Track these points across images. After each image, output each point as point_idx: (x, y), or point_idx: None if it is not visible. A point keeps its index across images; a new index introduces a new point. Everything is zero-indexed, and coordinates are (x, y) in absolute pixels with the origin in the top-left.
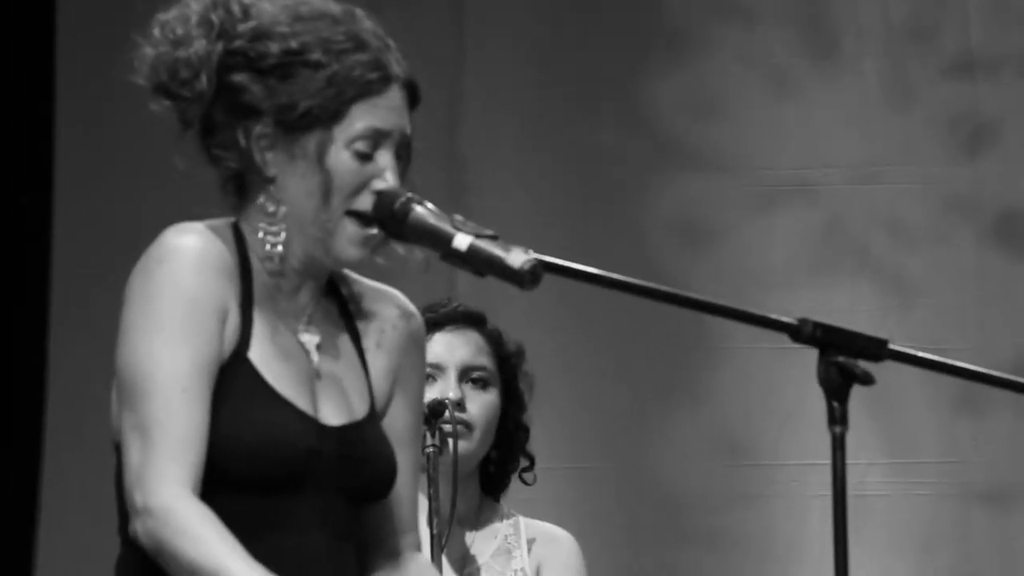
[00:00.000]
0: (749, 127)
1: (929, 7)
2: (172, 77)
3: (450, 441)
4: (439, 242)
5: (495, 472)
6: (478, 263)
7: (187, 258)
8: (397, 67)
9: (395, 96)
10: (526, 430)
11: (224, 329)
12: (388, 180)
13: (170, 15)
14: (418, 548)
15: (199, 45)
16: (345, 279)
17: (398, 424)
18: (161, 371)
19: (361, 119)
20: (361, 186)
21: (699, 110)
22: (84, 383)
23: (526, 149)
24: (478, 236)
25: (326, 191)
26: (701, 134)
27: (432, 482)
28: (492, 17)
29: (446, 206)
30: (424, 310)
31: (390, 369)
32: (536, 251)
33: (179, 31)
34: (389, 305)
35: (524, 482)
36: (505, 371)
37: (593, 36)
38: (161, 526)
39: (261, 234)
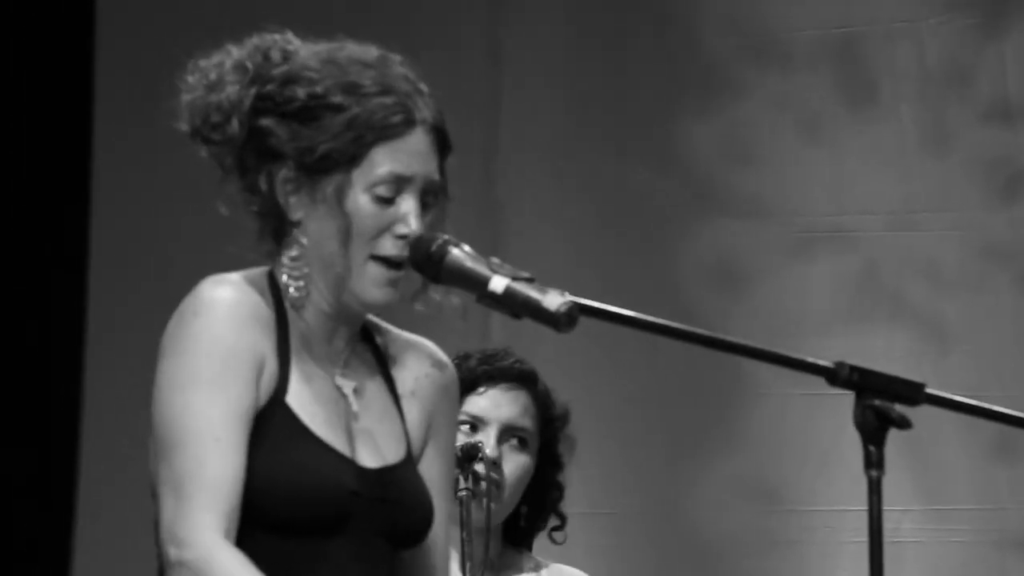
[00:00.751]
0: (785, 172)
1: (966, 52)
2: (204, 121)
3: (483, 489)
4: (475, 284)
5: (524, 527)
6: (514, 305)
7: (222, 310)
8: (424, 111)
9: (419, 140)
10: (560, 489)
11: (261, 378)
12: (411, 225)
13: (208, 61)
14: None
15: (232, 90)
16: (379, 328)
17: (431, 472)
18: (194, 422)
19: (381, 163)
20: (382, 230)
21: (735, 154)
22: (119, 427)
23: (562, 194)
24: (515, 279)
25: (345, 234)
26: (737, 178)
27: (465, 526)
28: (528, 62)
29: (482, 251)
30: (478, 360)
31: (424, 418)
32: (571, 295)
33: (213, 76)
34: (422, 355)
35: (553, 541)
36: (546, 433)
37: (628, 80)
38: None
39: (285, 278)
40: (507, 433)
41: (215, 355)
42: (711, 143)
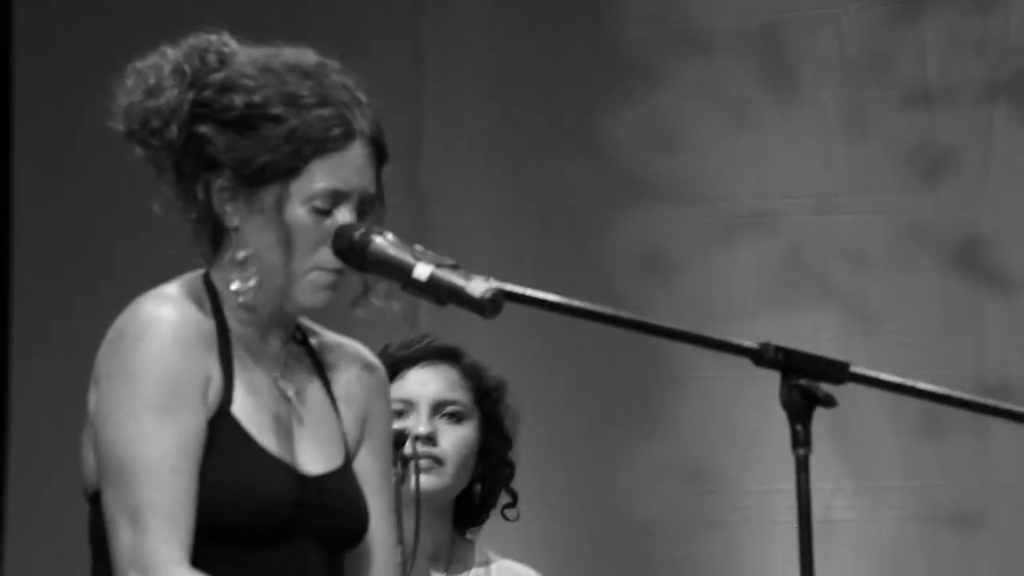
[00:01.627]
0: (709, 159)
1: (886, 38)
2: (143, 126)
3: (413, 474)
4: (399, 272)
5: (478, 506)
6: (439, 292)
7: (166, 333)
8: (362, 122)
9: (357, 153)
10: (511, 466)
11: (207, 396)
12: None
13: (145, 63)
14: None
15: (170, 95)
16: (311, 330)
17: (365, 471)
18: (149, 451)
19: (320, 178)
20: (319, 243)
21: (659, 142)
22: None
23: (487, 183)
24: (438, 265)
25: (285, 245)
26: (661, 166)
27: (395, 514)
28: (451, 54)
29: (410, 240)
30: (398, 347)
31: (358, 420)
32: (499, 281)
33: (152, 80)
34: (352, 357)
35: (505, 518)
36: (484, 405)
37: (552, 69)
38: None
39: (235, 284)
40: (438, 409)
41: (164, 381)
42: (635, 131)
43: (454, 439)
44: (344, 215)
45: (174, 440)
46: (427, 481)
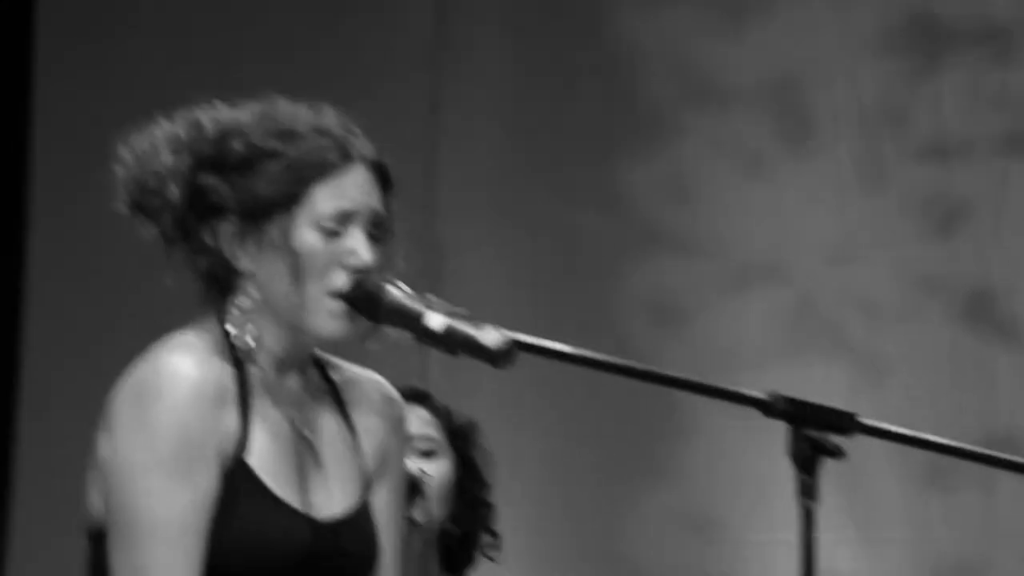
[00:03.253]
0: (723, 210)
1: (901, 90)
2: (142, 190)
3: (419, 515)
4: (413, 322)
5: (457, 547)
6: (452, 343)
7: (184, 390)
8: (360, 149)
9: (358, 175)
10: (488, 506)
11: (222, 452)
12: (361, 257)
13: (139, 136)
14: None
15: (166, 157)
16: (331, 364)
17: (381, 506)
18: (159, 512)
19: (323, 200)
20: (331, 265)
21: (673, 192)
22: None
23: (501, 232)
24: (452, 316)
25: (296, 271)
26: (675, 216)
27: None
28: (467, 102)
29: (422, 289)
30: None
31: (379, 453)
32: (511, 332)
33: (146, 147)
34: (372, 390)
35: (488, 558)
36: (456, 443)
37: (568, 119)
38: None
39: (233, 331)
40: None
41: (179, 441)
42: (650, 182)
43: (432, 471)
44: (354, 236)
45: (185, 501)
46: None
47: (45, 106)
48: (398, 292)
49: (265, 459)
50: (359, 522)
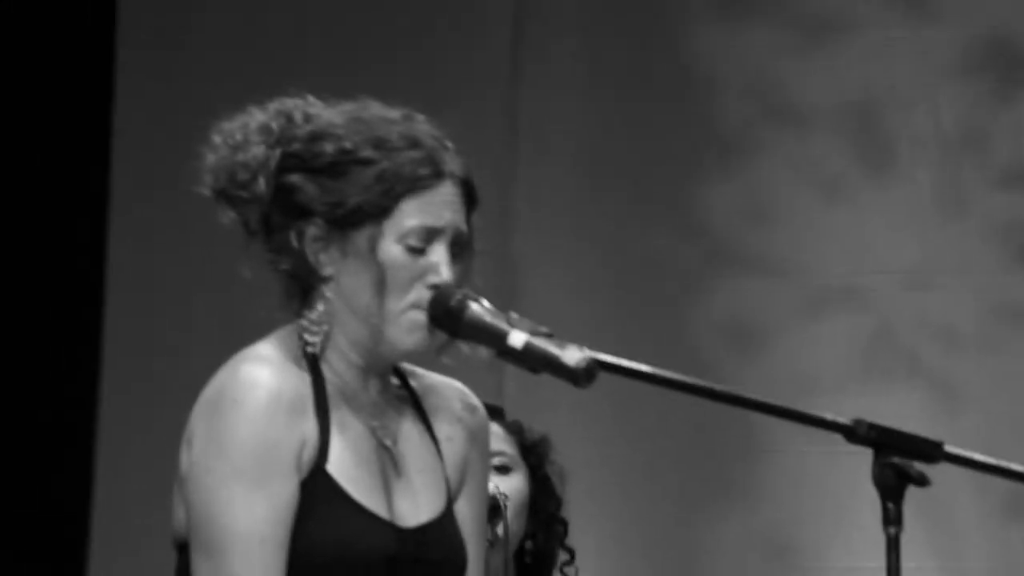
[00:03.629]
0: (802, 232)
1: (982, 116)
2: (231, 181)
3: (500, 533)
4: (494, 339)
5: (533, 564)
6: (533, 360)
7: (263, 400)
8: (452, 164)
9: (448, 192)
10: (563, 522)
11: (301, 461)
12: (442, 275)
13: (232, 123)
14: None
15: (257, 150)
16: (411, 372)
17: (465, 516)
18: (239, 523)
19: (412, 215)
20: (414, 280)
21: (751, 215)
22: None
23: (579, 251)
24: (533, 334)
25: (379, 285)
26: (753, 238)
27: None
28: (545, 121)
29: (499, 307)
30: None
31: (460, 462)
32: (592, 351)
33: (238, 136)
34: (455, 398)
35: (564, 575)
36: (529, 459)
37: (645, 139)
38: None
39: (306, 335)
40: None
41: (258, 451)
42: (728, 203)
43: (505, 489)
44: (438, 253)
45: (264, 511)
46: (491, 533)
47: (127, 92)
48: (480, 308)
49: (345, 467)
50: (444, 529)
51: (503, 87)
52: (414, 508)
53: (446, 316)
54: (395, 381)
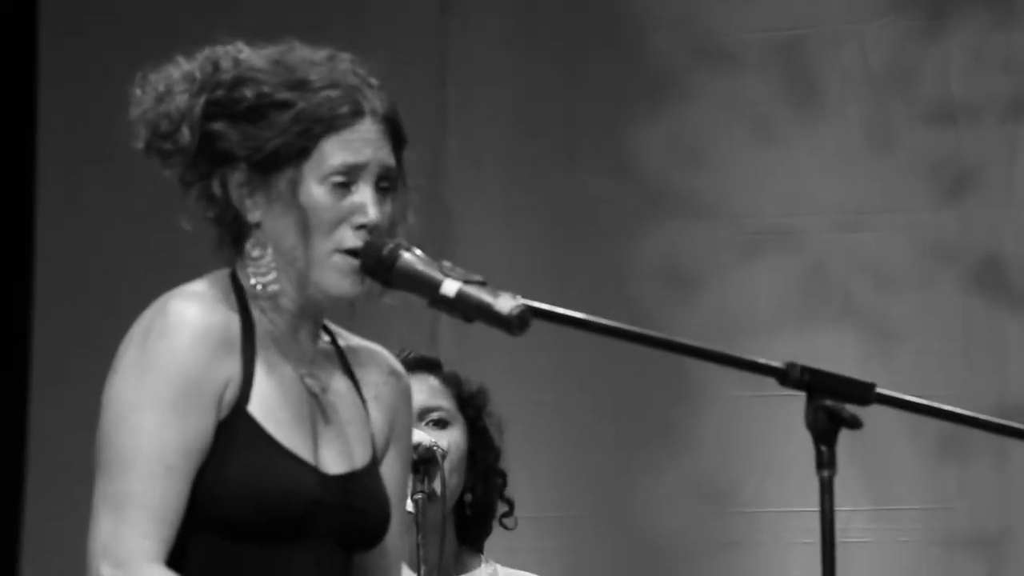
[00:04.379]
0: (732, 173)
1: (910, 53)
2: (155, 132)
3: (437, 487)
4: (428, 288)
5: (472, 516)
6: (466, 309)
7: (189, 335)
8: (373, 102)
9: (368, 129)
10: (502, 474)
11: (223, 398)
12: (369, 215)
13: (157, 74)
14: None
15: (180, 99)
16: (339, 333)
17: (390, 477)
18: (147, 445)
19: (332, 154)
20: (339, 221)
21: (683, 157)
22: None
23: (511, 198)
24: (466, 282)
25: (303, 227)
26: (685, 181)
27: (420, 529)
28: (475, 67)
29: (432, 256)
30: None
31: (386, 423)
32: (525, 298)
33: (161, 87)
34: (380, 362)
35: (504, 527)
36: (467, 411)
37: (576, 83)
38: None
39: (253, 280)
40: (422, 416)
41: (178, 382)
42: (659, 146)
43: (443, 444)
44: (363, 192)
45: (174, 441)
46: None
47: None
48: (412, 257)
49: (270, 409)
50: (369, 481)
51: (431, 35)
52: (340, 456)
53: (378, 265)
54: (325, 338)
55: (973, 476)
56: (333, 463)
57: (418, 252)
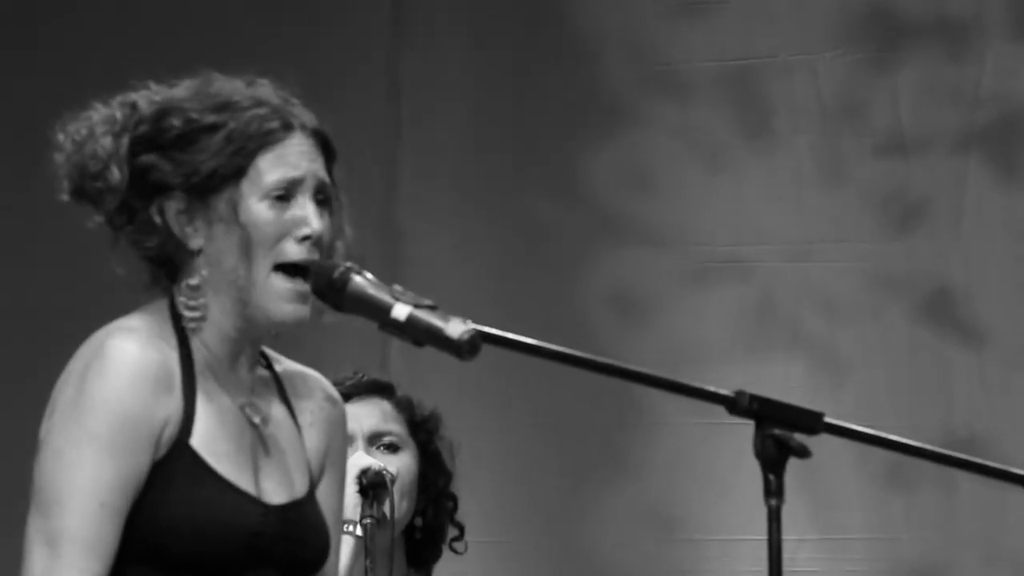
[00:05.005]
0: (683, 202)
1: (861, 85)
2: (83, 174)
3: (387, 511)
4: (378, 312)
5: (422, 540)
6: (417, 333)
7: (127, 373)
8: (301, 117)
9: (300, 142)
10: (453, 498)
11: (160, 439)
12: (312, 225)
13: (75, 121)
14: None
15: (105, 140)
16: (276, 359)
17: (326, 506)
18: (83, 482)
19: (268, 171)
20: (282, 235)
21: (634, 184)
22: None
23: (463, 222)
24: (417, 306)
25: (245, 246)
26: (636, 208)
27: (369, 554)
28: (427, 89)
29: (382, 277)
30: (331, 383)
31: (321, 449)
32: (476, 323)
33: (83, 132)
34: (316, 388)
35: (454, 551)
36: (419, 435)
37: (529, 108)
38: None
39: (183, 309)
40: (374, 440)
41: (116, 421)
42: (611, 173)
43: (394, 468)
44: (303, 205)
45: (110, 478)
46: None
47: None
48: (363, 280)
49: (211, 441)
50: (308, 510)
51: (385, 51)
52: (280, 486)
53: (328, 288)
54: (262, 363)
55: (920, 507)
56: (274, 493)
57: (368, 275)
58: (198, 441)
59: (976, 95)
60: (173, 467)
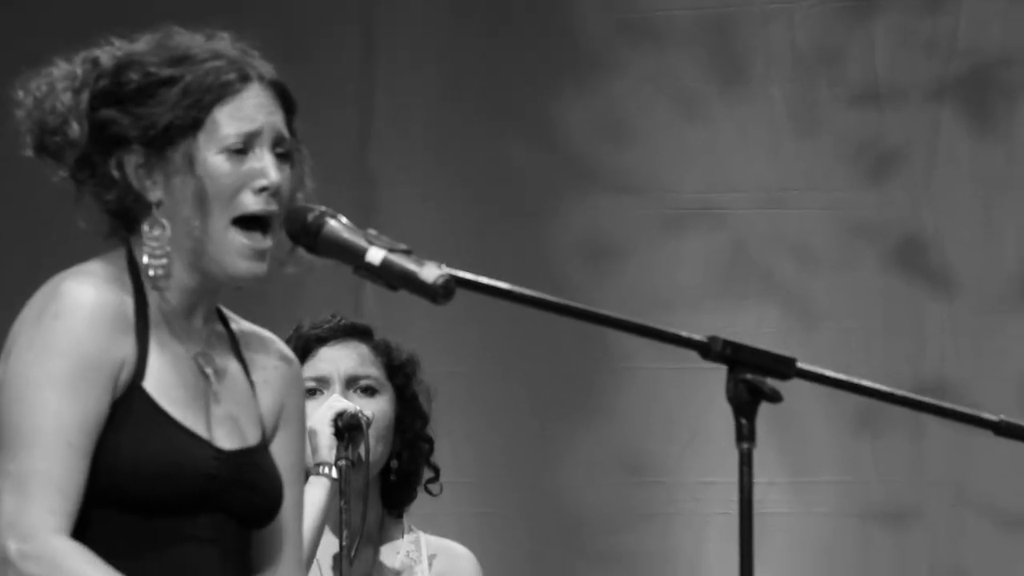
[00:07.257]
0: (657, 149)
1: (836, 34)
2: (42, 130)
3: (362, 453)
4: (352, 256)
5: (397, 482)
6: (391, 277)
7: (83, 314)
8: (258, 68)
9: (258, 94)
10: (429, 441)
11: (119, 376)
12: (270, 177)
13: (36, 78)
14: None
15: (64, 96)
16: (232, 317)
17: (283, 464)
18: (48, 424)
19: (225, 122)
20: (239, 187)
21: (608, 131)
22: None
23: (435, 167)
24: (391, 250)
25: (202, 199)
26: (609, 155)
27: (343, 495)
28: (401, 38)
29: (356, 223)
30: (309, 327)
31: (275, 407)
32: (450, 268)
33: (44, 88)
34: (271, 348)
35: (429, 492)
36: (396, 379)
37: (503, 55)
38: (43, 567)
39: (146, 259)
40: (351, 383)
41: (75, 361)
42: (584, 119)
43: (370, 411)
44: (262, 157)
45: (75, 418)
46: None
47: None
48: (338, 224)
49: (164, 386)
50: (260, 458)
51: (359, 5)
52: (232, 434)
53: (303, 231)
54: (218, 319)
55: (889, 450)
56: (226, 439)
57: (343, 219)
58: (151, 384)
59: (951, 46)
60: (128, 409)
